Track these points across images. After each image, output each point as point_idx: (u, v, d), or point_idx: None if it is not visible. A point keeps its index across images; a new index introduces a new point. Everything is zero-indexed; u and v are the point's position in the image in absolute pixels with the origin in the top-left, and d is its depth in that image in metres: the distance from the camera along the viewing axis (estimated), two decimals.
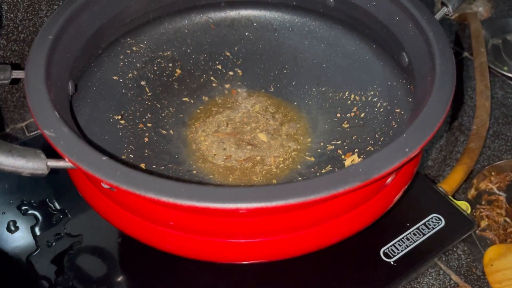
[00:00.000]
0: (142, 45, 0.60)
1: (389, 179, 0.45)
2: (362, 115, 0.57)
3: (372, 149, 0.53)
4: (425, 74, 0.46)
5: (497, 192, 0.64)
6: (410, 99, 0.51)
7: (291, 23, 0.62)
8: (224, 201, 0.34)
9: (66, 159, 0.37)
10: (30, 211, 0.57)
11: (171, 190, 0.35)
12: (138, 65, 0.60)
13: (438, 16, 0.49)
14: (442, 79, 0.42)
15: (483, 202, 0.63)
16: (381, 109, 0.55)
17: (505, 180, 0.65)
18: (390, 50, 0.54)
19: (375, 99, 0.56)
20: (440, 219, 0.55)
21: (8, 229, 0.55)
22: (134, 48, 0.60)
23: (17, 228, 0.55)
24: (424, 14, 0.48)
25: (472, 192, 0.64)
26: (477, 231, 0.59)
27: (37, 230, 0.55)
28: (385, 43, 0.55)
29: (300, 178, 0.54)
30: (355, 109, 0.58)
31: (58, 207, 0.57)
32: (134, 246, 0.53)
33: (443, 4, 0.50)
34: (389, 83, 0.55)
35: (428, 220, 0.55)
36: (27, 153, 0.36)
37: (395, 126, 0.52)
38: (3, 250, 0.53)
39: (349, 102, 0.58)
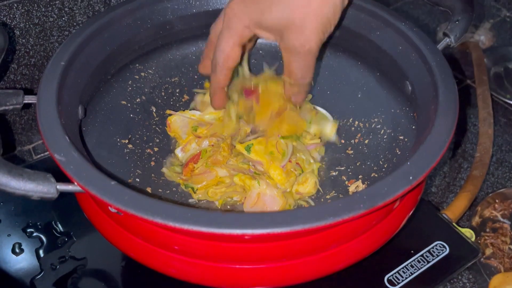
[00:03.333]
0: (150, 71, 0.62)
1: (394, 206, 0.46)
2: (366, 141, 0.57)
3: (376, 175, 0.53)
4: (428, 102, 0.46)
5: (502, 219, 0.64)
6: (413, 127, 0.52)
7: None
8: (230, 227, 0.35)
9: (75, 183, 0.37)
10: (35, 234, 0.57)
11: (178, 215, 0.35)
12: (146, 90, 0.61)
13: (440, 46, 0.50)
14: (445, 108, 0.43)
15: (488, 230, 0.63)
16: (385, 136, 0.55)
17: (510, 207, 0.65)
18: (393, 78, 0.55)
19: (379, 126, 0.57)
20: (444, 247, 0.55)
21: (13, 251, 0.55)
22: (142, 74, 0.61)
23: (22, 251, 0.55)
24: (427, 44, 0.50)
25: (476, 219, 0.64)
26: (481, 259, 0.59)
27: (41, 252, 0.55)
28: (388, 72, 0.56)
29: (304, 203, 0.54)
30: (359, 135, 0.58)
31: (63, 229, 0.57)
32: (138, 270, 0.53)
33: (445, 34, 0.51)
34: (392, 110, 0.56)
35: (433, 248, 0.55)
36: (38, 177, 0.37)
37: (399, 153, 0.52)
38: (7, 273, 0.53)
39: (353, 128, 0.59)
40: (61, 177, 0.38)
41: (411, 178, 0.37)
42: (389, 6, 0.96)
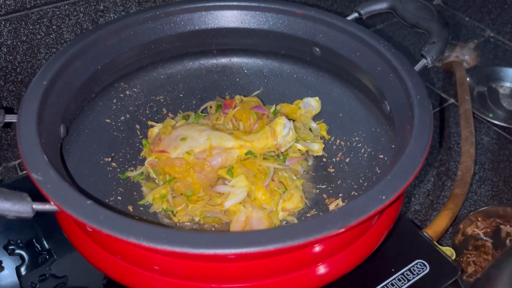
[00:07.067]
0: (135, 89, 0.62)
1: (372, 223, 0.46)
2: (347, 160, 0.58)
3: (356, 194, 0.53)
4: (404, 123, 0.47)
5: (484, 238, 0.64)
6: (393, 146, 0.53)
7: (280, 70, 0.65)
8: (204, 246, 0.35)
9: (52, 203, 0.38)
10: (16, 251, 0.57)
11: (152, 235, 0.35)
12: (130, 108, 0.61)
13: (417, 67, 0.51)
14: (420, 130, 0.44)
15: (470, 248, 0.63)
16: (365, 155, 0.56)
17: (491, 225, 0.66)
18: (373, 98, 0.56)
19: (360, 145, 0.57)
20: (424, 265, 0.55)
21: None
22: (127, 92, 0.62)
23: (2, 268, 0.55)
24: (404, 65, 0.51)
25: (459, 237, 0.64)
26: (464, 277, 0.59)
27: (22, 270, 0.55)
28: (368, 91, 0.57)
29: (285, 222, 0.54)
30: (340, 154, 0.59)
31: (44, 247, 0.57)
32: None
33: (422, 56, 0.52)
34: (373, 129, 0.57)
35: (413, 266, 0.55)
36: (13, 196, 0.37)
37: (379, 171, 0.53)
38: None
39: (335, 147, 0.60)
40: (43, 197, 0.39)
41: (383, 197, 0.38)
42: (374, 27, 0.99)
